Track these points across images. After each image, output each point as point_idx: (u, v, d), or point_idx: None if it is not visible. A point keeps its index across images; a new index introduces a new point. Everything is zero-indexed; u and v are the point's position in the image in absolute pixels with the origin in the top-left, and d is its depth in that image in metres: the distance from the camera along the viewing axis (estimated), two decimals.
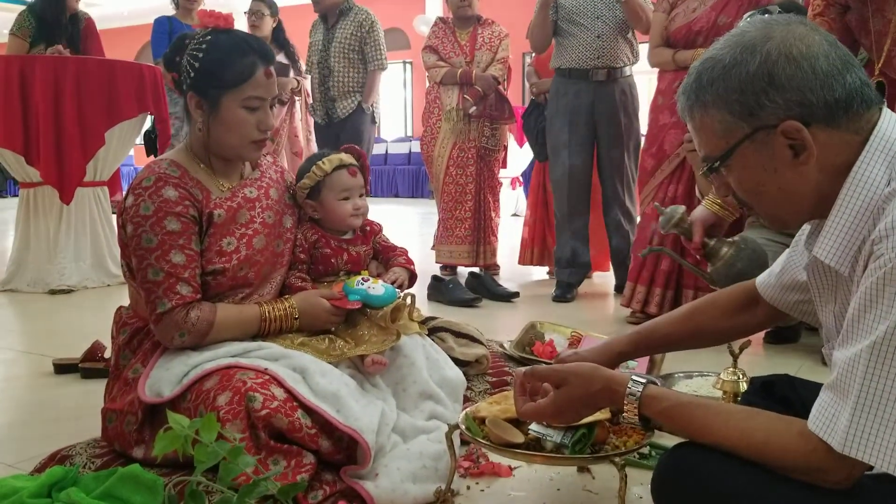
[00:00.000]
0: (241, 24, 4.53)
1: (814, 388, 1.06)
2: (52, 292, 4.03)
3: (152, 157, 2.85)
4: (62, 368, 2.52)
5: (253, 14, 5.10)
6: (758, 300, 1.37)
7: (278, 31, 5.21)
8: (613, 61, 3.69)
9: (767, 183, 1.06)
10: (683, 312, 1.46)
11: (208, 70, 1.71)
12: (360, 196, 1.99)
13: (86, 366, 2.47)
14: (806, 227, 1.19)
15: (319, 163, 1.94)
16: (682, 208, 2.32)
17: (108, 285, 4.23)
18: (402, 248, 2.12)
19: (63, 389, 2.38)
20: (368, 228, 2.06)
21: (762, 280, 1.36)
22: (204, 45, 1.72)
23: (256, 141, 1.77)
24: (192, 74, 1.72)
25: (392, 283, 1.91)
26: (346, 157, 1.98)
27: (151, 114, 4.35)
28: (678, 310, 1.49)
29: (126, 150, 4.46)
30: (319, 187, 1.94)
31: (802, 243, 1.22)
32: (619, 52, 3.69)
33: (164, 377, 1.63)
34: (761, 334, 2.93)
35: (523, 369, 1.33)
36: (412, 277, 2.05)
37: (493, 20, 4.35)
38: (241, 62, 1.71)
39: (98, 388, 1.96)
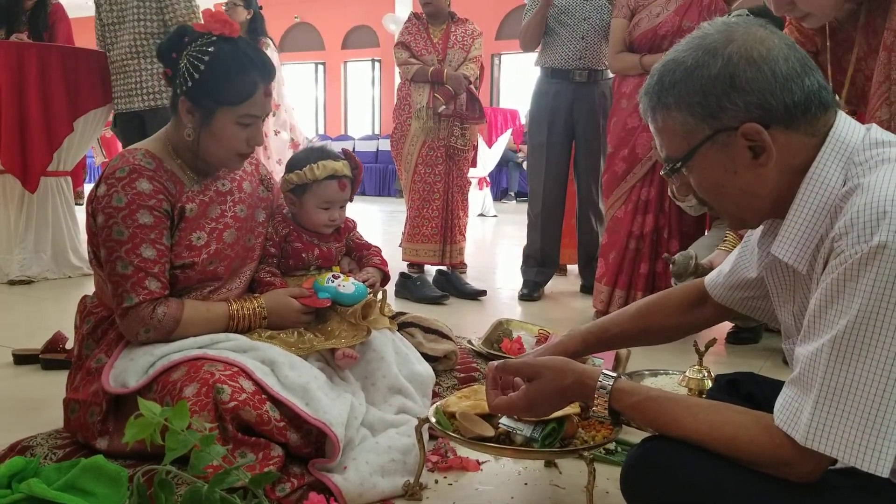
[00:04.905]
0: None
1: (777, 386, 1.08)
2: (12, 283, 3.94)
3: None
4: (22, 359, 2.47)
5: (225, 4, 5.00)
6: (706, 298, 1.40)
7: (254, 22, 4.96)
8: (595, 63, 3.72)
9: (727, 183, 1.08)
10: (635, 309, 1.48)
11: (208, 83, 1.65)
12: (341, 207, 1.97)
13: (46, 356, 2.43)
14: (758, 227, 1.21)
15: (313, 166, 1.89)
16: (691, 253, 2.36)
17: (69, 277, 4.15)
18: (375, 246, 2.11)
19: (22, 380, 2.33)
20: (342, 225, 2.04)
21: (711, 279, 1.39)
22: (206, 57, 1.65)
23: (243, 154, 1.74)
24: (190, 83, 1.66)
25: (364, 283, 1.90)
26: (341, 167, 1.93)
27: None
28: (630, 307, 1.50)
29: (90, 140, 4.37)
30: (304, 188, 1.91)
31: (753, 243, 1.25)
32: (602, 54, 3.71)
33: (130, 367, 1.61)
34: (724, 335, 2.98)
35: (495, 363, 1.34)
36: (385, 279, 2.04)
37: (467, 18, 4.35)
38: (243, 80, 1.66)
39: (59, 379, 1.93)
